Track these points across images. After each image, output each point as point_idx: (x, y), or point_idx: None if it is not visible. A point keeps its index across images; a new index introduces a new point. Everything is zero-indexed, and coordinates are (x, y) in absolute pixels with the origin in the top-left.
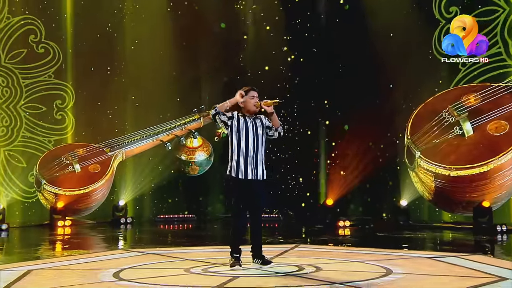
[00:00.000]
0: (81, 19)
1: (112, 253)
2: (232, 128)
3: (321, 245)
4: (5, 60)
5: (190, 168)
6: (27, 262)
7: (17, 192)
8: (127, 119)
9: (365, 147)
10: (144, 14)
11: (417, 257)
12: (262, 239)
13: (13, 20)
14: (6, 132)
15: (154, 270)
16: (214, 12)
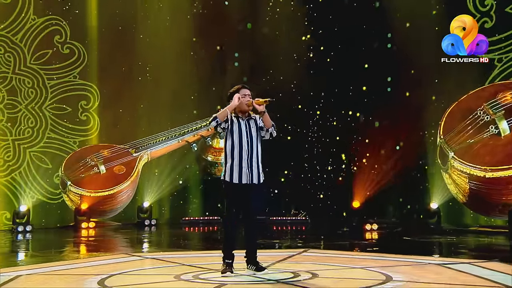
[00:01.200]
0: (106, 20)
1: (112, 258)
2: (226, 131)
3: (333, 250)
4: (30, 61)
5: (216, 169)
6: (22, 267)
7: (42, 193)
8: (153, 119)
9: (394, 146)
10: (169, 16)
11: (426, 263)
12: (270, 243)
13: (38, 21)
14: (31, 133)
15: (143, 277)
16: (240, 11)
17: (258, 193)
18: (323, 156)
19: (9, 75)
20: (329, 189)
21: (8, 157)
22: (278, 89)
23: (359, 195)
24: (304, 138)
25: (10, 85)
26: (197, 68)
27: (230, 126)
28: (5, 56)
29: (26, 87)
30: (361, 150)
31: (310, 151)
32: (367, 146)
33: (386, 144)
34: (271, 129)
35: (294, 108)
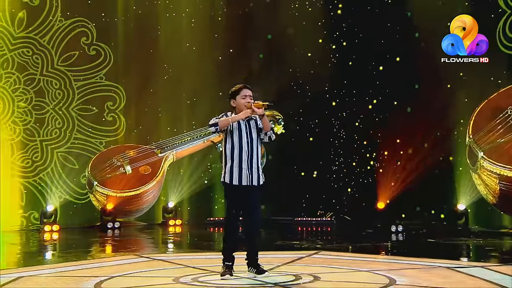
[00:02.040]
0: (132, 22)
1: (121, 259)
2: (226, 132)
3: (345, 252)
4: (57, 63)
5: None
6: (28, 267)
7: (69, 193)
8: (178, 120)
9: (420, 145)
10: (194, 18)
11: (436, 266)
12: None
13: (65, 23)
14: (59, 134)
15: (142, 279)
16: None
17: (257, 195)
18: (348, 156)
19: (37, 77)
20: (354, 190)
21: (36, 157)
22: (302, 91)
23: (384, 195)
24: (329, 138)
25: (38, 86)
26: (221, 69)
27: (230, 127)
28: (33, 58)
29: (54, 88)
30: (386, 150)
31: (335, 151)
32: (392, 146)
33: (412, 144)
34: (270, 132)
35: (316, 109)
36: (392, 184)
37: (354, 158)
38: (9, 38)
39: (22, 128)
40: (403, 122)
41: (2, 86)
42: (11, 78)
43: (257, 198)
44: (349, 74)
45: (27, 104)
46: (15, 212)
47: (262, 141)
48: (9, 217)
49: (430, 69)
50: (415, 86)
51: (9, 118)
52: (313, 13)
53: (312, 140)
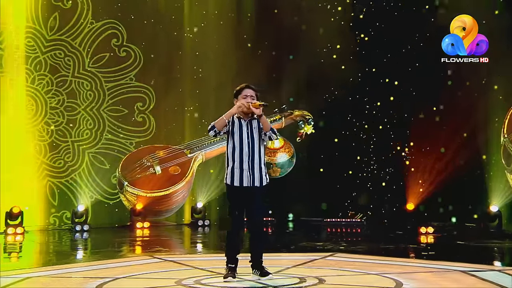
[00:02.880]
0: (161, 23)
1: (131, 260)
2: (227, 133)
3: (361, 255)
4: (89, 65)
5: (271, 170)
6: (39, 268)
7: (100, 193)
8: (207, 120)
9: (451, 145)
10: (222, 21)
11: (451, 270)
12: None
13: (96, 25)
14: (90, 135)
15: (145, 281)
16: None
17: (259, 196)
18: (377, 157)
19: (68, 78)
20: (384, 191)
21: (68, 158)
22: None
23: (413, 196)
24: (359, 139)
25: (69, 88)
26: (254, 69)
27: (231, 128)
28: (65, 60)
29: (85, 89)
30: (416, 150)
31: (365, 151)
32: (422, 146)
33: (443, 143)
34: (269, 133)
35: (345, 109)
36: (422, 185)
37: (383, 159)
38: (42, 41)
39: (55, 129)
40: (433, 121)
41: (35, 88)
42: (44, 80)
43: (259, 199)
44: (378, 74)
45: (59, 105)
46: (48, 212)
47: (264, 142)
48: (42, 216)
49: (461, 67)
50: (448, 83)
51: (42, 120)
52: (341, 12)
53: (342, 141)
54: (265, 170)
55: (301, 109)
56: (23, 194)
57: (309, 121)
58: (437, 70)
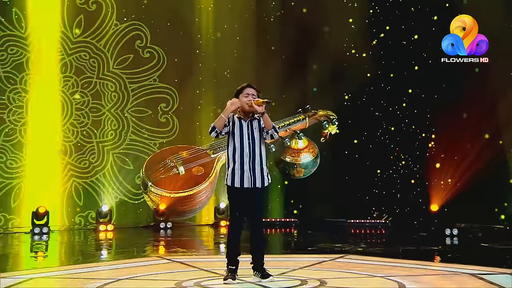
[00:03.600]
0: (184, 24)
1: (140, 260)
2: (228, 134)
3: (372, 256)
4: (113, 66)
5: (295, 171)
6: (46, 269)
7: (125, 193)
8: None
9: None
10: (246, 21)
11: (460, 272)
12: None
13: (120, 27)
14: (114, 136)
15: (146, 282)
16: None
17: (260, 197)
18: (400, 157)
19: (93, 80)
20: (408, 191)
21: (93, 158)
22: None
23: (437, 197)
24: (382, 139)
25: (94, 89)
26: (278, 69)
27: (232, 128)
28: (90, 61)
29: (109, 91)
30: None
31: (389, 151)
32: (446, 145)
33: (468, 142)
34: (271, 131)
35: (369, 109)
36: (446, 185)
37: (406, 159)
38: (67, 43)
39: (80, 130)
40: (457, 120)
41: (61, 90)
42: (69, 81)
43: (261, 201)
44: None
45: (84, 106)
46: (73, 212)
47: (265, 140)
48: (68, 216)
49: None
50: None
51: (67, 121)
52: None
53: (365, 141)
54: (267, 170)
55: (325, 109)
56: (49, 194)
57: (333, 121)
58: (463, 67)
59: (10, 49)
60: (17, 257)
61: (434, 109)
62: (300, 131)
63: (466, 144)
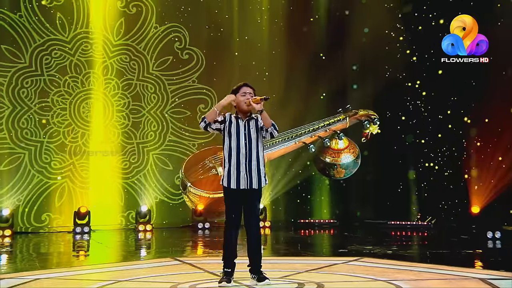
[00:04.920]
0: (222, 26)
1: (150, 262)
2: (224, 133)
3: (388, 260)
4: (153, 68)
5: (335, 171)
6: (54, 269)
7: (164, 194)
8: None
9: None
10: (285, 22)
11: (469, 277)
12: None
13: (160, 29)
14: (154, 137)
15: (143, 284)
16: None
17: (257, 199)
18: (440, 158)
19: (133, 82)
20: (450, 192)
21: (133, 159)
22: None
23: (478, 199)
24: (422, 141)
25: (134, 91)
26: (317, 68)
27: (228, 127)
28: (130, 64)
29: (149, 92)
30: (481, 151)
31: (429, 153)
32: (487, 147)
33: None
34: (271, 128)
35: (410, 111)
36: (488, 187)
37: (446, 161)
38: (108, 46)
39: (121, 131)
40: (498, 121)
41: (102, 92)
42: (110, 83)
43: (255, 202)
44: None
45: (124, 108)
46: (115, 212)
47: (264, 139)
48: (110, 216)
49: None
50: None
51: (108, 122)
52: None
53: (407, 143)
54: (264, 171)
55: (367, 109)
56: (91, 194)
57: (374, 120)
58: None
59: (54, 53)
60: (53, 256)
61: (475, 110)
62: (341, 131)
63: (508, 145)
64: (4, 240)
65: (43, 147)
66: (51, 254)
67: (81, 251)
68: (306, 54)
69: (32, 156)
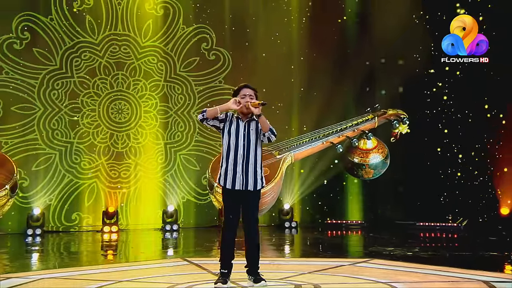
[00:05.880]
0: (249, 27)
1: (157, 262)
2: (223, 131)
3: (397, 261)
4: (180, 69)
5: (363, 171)
6: (56, 270)
7: (191, 194)
8: (296, 121)
9: None
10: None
11: (474, 280)
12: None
13: (187, 30)
14: (181, 137)
15: (142, 284)
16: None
17: (253, 200)
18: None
19: (161, 83)
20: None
21: (161, 159)
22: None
23: (508, 200)
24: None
25: (162, 92)
26: (344, 67)
27: (228, 127)
28: (158, 65)
29: (176, 93)
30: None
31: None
32: None
33: None
34: (268, 133)
35: (438, 112)
36: None
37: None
38: (136, 48)
39: (148, 132)
40: None
41: (130, 93)
42: (138, 85)
43: (254, 203)
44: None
45: (152, 109)
46: (142, 211)
47: (262, 142)
48: (137, 216)
49: None
50: None
51: (136, 123)
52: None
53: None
54: (261, 173)
55: (396, 109)
56: (120, 194)
57: (404, 120)
58: None
59: (83, 55)
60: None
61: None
62: (369, 131)
63: None
64: (35, 238)
65: (73, 147)
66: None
67: (106, 251)
68: (332, 53)
69: (62, 157)
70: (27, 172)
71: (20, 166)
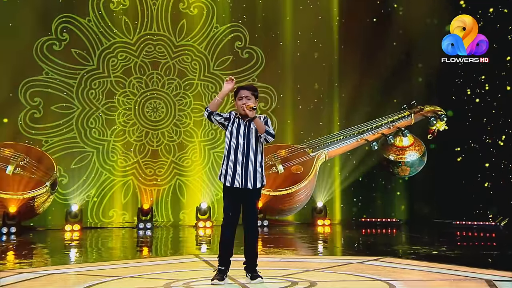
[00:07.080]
0: (280, 26)
1: (170, 259)
2: (226, 131)
3: (407, 259)
4: (213, 67)
5: (399, 169)
6: (65, 265)
7: None
8: (330, 118)
9: None
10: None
11: (477, 278)
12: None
13: (220, 29)
14: (214, 135)
15: (138, 281)
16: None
17: (252, 198)
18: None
19: (195, 82)
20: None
21: (194, 157)
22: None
23: None
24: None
25: (195, 90)
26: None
27: (231, 126)
28: (192, 64)
29: (209, 92)
30: None
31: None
32: None
33: None
34: (264, 135)
35: (474, 109)
36: None
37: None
38: (170, 47)
39: (182, 130)
40: None
41: (165, 92)
42: (173, 83)
43: (253, 202)
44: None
45: (186, 107)
46: (177, 209)
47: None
48: (173, 213)
49: None
50: None
51: (171, 121)
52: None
53: (471, 142)
54: (262, 171)
55: (433, 105)
56: (155, 191)
57: (441, 117)
58: None
59: (119, 55)
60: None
61: None
62: (405, 128)
63: None
64: (73, 234)
65: (110, 146)
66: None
67: (136, 246)
68: (366, 52)
69: (100, 155)
70: (66, 170)
71: (59, 163)
